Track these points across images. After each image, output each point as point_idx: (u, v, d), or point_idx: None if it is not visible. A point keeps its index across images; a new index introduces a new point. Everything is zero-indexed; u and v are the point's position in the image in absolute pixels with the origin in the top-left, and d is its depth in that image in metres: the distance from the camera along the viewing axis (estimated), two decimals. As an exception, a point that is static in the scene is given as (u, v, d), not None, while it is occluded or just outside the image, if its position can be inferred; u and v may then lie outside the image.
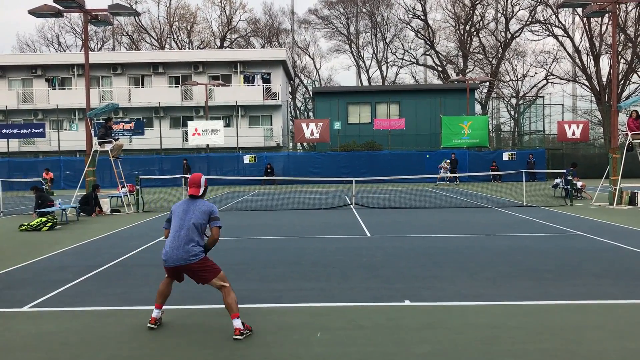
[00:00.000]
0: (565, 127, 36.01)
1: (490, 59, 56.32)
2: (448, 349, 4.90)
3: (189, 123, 36.72)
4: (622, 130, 20.52)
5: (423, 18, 59.27)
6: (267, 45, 62.14)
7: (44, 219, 13.93)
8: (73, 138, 38.04)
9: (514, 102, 53.27)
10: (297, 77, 63.05)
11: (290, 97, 58.99)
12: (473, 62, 57.87)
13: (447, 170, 32.41)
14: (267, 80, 44.08)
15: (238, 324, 5.21)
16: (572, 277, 7.60)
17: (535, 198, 20.50)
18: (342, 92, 43.37)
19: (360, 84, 63.01)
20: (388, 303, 6.39)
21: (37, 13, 19.29)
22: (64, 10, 19.36)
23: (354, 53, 64.19)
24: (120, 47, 62.10)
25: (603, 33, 47.54)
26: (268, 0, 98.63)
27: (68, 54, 50.95)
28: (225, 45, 61.49)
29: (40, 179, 21.63)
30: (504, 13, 54.97)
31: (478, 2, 55.13)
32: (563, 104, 42.47)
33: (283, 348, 4.99)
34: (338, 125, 36.76)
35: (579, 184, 20.55)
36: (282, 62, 44.73)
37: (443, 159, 33.56)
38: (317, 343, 5.12)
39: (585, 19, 45.55)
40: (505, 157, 35.58)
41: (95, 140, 18.88)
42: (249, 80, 44.17)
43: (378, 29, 62.20)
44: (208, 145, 37.45)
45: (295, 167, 35.84)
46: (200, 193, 5.59)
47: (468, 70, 56.51)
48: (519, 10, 55.55)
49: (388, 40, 62.29)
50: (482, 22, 56.61)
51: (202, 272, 5.39)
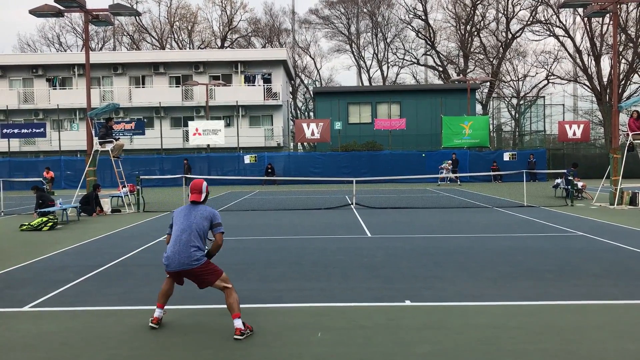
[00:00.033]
0: (566, 127, 36.02)
1: (491, 59, 56.31)
2: (448, 349, 4.90)
3: (190, 123, 36.73)
4: (622, 131, 20.53)
5: (424, 18, 59.28)
6: (267, 45, 62.15)
7: (45, 219, 13.94)
8: (74, 138, 38.08)
9: (515, 102, 53.26)
10: (297, 77, 63.06)
11: (291, 97, 58.99)
12: (474, 62, 57.87)
13: (449, 171, 32.38)
14: (267, 80, 44.09)
15: (239, 324, 5.22)
16: (572, 277, 7.60)
17: (536, 198, 20.50)
18: (342, 92, 43.37)
19: (361, 84, 63.01)
20: (389, 303, 6.39)
21: (37, 13, 19.31)
22: (65, 10, 19.38)
23: (355, 53, 64.23)
24: (121, 47, 62.19)
25: (604, 33, 47.55)
26: (269, 0, 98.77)
27: (69, 54, 50.98)
28: (226, 45, 61.51)
29: (41, 179, 21.65)
30: (505, 13, 54.99)
31: (479, 2, 55.11)
32: (564, 104, 42.50)
33: (283, 348, 5.00)
34: (339, 125, 36.76)
35: (580, 184, 20.53)
36: (282, 62, 44.74)
37: (443, 161, 33.53)
38: (317, 343, 5.12)
39: (586, 19, 45.56)
40: (506, 157, 35.56)
41: (96, 140, 18.89)
42: (250, 80, 44.17)
43: (379, 29, 62.21)
44: (209, 145, 37.47)
45: (296, 167, 35.85)
46: (202, 199, 5.62)
47: (469, 71, 56.50)
48: (520, 10, 55.64)
49: (389, 40, 62.34)
50: (483, 22, 56.61)
51: (204, 275, 5.41)
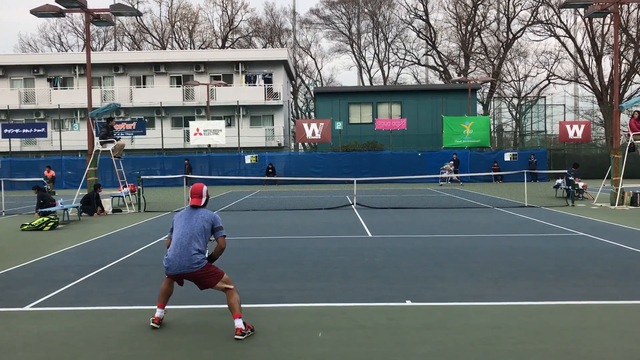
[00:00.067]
0: (567, 127, 35.99)
1: (492, 59, 56.28)
2: (449, 349, 4.90)
3: (191, 123, 36.73)
4: (623, 131, 20.52)
5: (425, 18, 59.25)
6: (268, 46, 62.15)
7: (46, 219, 13.94)
8: (75, 138, 38.13)
9: (516, 102, 53.26)
10: (298, 77, 63.07)
11: (292, 97, 58.99)
12: (475, 62, 57.84)
13: (450, 172, 32.34)
14: (268, 80, 44.09)
15: (240, 324, 5.22)
16: (573, 277, 7.60)
17: (537, 198, 20.49)
18: (343, 92, 43.36)
19: (362, 84, 63.01)
20: (389, 303, 6.39)
21: (39, 13, 19.34)
22: (66, 10, 19.40)
23: (356, 53, 64.22)
24: (122, 47, 62.23)
25: (605, 33, 47.52)
26: (270, 1, 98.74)
27: (70, 54, 51.02)
28: (227, 45, 61.52)
29: (42, 179, 21.66)
30: (506, 13, 54.95)
31: (480, 2, 55.08)
32: (565, 105, 42.46)
33: (284, 348, 5.00)
34: (339, 125, 36.75)
35: (581, 185, 20.52)
36: (283, 62, 44.74)
37: (445, 163, 33.46)
38: (318, 343, 5.12)
39: (587, 19, 45.53)
40: (507, 157, 35.53)
41: (97, 140, 18.90)
42: (251, 80, 44.18)
43: (380, 29, 62.19)
44: (209, 145, 37.48)
45: (297, 167, 35.85)
46: (202, 203, 5.64)
47: (470, 71, 56.47)
48: (521, 11, 55.63)
49: (390, 41, 62.35)
50: (483, 22, 56.58)
51: (206, 278, 5.42)
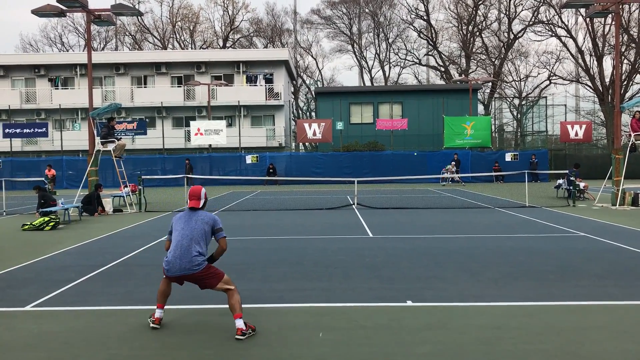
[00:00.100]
0: (568, 127, 35.96)
1: (493, 60, 56.26)
2: (449, 350, 4.90)
3: (192, 123, 36.74)
4: (625, 131, 20.50)
5: (426, 18, 59.26)
6: (269, 46, 62.16)
7: (47, 219, 13.95)
8: (76, 138, 38.16)
9: (517, 102, 53.22)
10: (299, 77, 63.08)
11: (293, 97, 59.00)
12: (476, 62, 57.83)
13: (453, 173, 32.29)
14: (269, 81, 44.10)
15: (240, 324, 5.22)
16: (574, 278, 7.59)
17: (538, 199, 20.48)
18: (344, 92, 43.37)
19: (363, 84, 63.00)
20: (390, 303, 6.39)
21: (40, 13, 19.33)
22: (67, 10, 19.40)
23: (357, 53, 64.24)
24: (123, 47, 62.27)
25: (606, 33, 47.49)
26: (271, 1, 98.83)
27: (71, 54, 51.05)
28: (228, 46, 61.54)
29: (43, 179, 21.66)
30: (507, 13, 54.91)
31: (481, 2, 55.08)
32: (566, 105, 42.48)
33: (285, 348, 5.00)
34: (340, 126, 36.75)
35: (582, 185, 20.50)
36: (284, 62, 44.75)
37: (446, 165, 33.40)
38: (318, 343, 5.12)
39: (589, 20, 45.48)
40: (508, 157, 35.51)
41: (98, 140, 18.91)
42: (252, 80, 44.19)
43: (381, 29, 62.21)
44: (210, 145, 37.49)
45: (298, 167, 35.85)
46: (201, 205, 5.66)
47: (471, 71, 56.46)
48: (522, 11, 55.62)
49: (391, 41, 62.35)
50: (484, 22, 56.57)
51: (206, 279, 5.44)
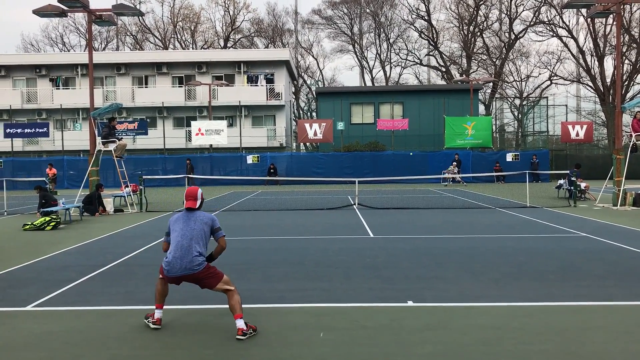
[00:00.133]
0: (569, 127, 35.95)
1: (494, 60, 56.24)
2: (450, 350, 4.89)
3: (193, 123, 36.77)
4: (626, 132, 20.46)
5: (427, 18, 59.25)
6: (270, 46, 62.16)
7: (48, 219, 13.96)
8: (77, 138, 38.20)
9: (518, 102, 53.20)
10: (300, 77, 63.08)
11: (294, 97, 59.00)
12: (477, 62, 57.82)
13: (454, 173, 32.25)
14: (270, 81, 44.11)
15: (241, 325, 5.22)
16: (575, 278, 7.58)
17: (539, 199, 20.47)
18: (345, 92, 43.38)
19: (364, 84, 63.00)
20: (391, 304, 6.38)
21: (41, 13, 19.34)
22: (68, 10, 19.41)
23: (358, 53, 64.22)
24: (124, 47, 62.31)
25: (607, 34, 47.45)
26: (272, 1, 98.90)
27: (72, 54, 51.10)
28: (229, 46, 61.56)
29: (44, 178, 21.67)
30: (508, 14, 54.89)
31: (482, 2, 55.06)
32: (567, 105, 42.51)
33: (285, 348, 4.99)
34: (341, 126, 36.76)
35: (583, 185, 20.47)
36: (285, 62, 44.75)
37: (448, 166, 33.37)
38: (319, 343, 5.11)
39: (590, 20, 45.46)
40: (509, 157, 35.51)
41: (99, 140, 18.92)
42: (253, 81, 44.20)
43: (382, 29, 62.21)
44: (211, 145, 37.50)
45: (299, 167, 35.86)
46: (198, 205, 5.68)
47: (472, 71, 56.44)
48: (523, 11, 55.56)
49: (392, 41, 62.34)
50: (485, 22, 56.54)
51: (206, 279, 5.45)
